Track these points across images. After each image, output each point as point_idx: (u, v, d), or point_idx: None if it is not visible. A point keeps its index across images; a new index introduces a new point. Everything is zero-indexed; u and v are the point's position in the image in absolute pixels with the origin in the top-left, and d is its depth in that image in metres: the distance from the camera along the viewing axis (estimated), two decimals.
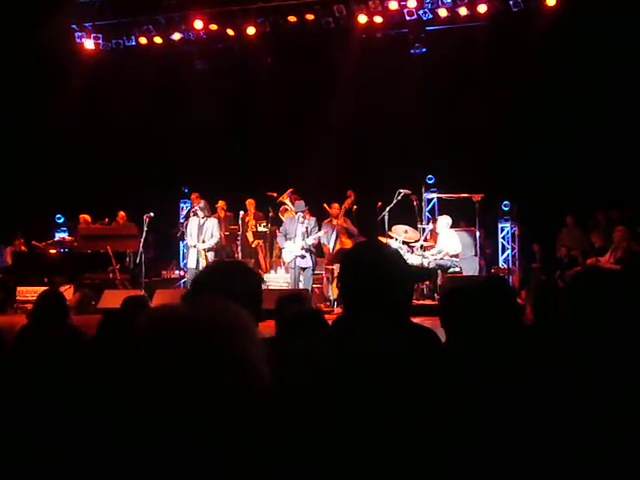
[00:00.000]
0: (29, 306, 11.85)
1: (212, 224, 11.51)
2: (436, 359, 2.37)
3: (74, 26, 15.65)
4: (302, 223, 11.39)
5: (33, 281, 12.79)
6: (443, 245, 12.01)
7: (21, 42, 14.06)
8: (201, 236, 11.30)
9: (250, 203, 13.92)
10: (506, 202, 13.68)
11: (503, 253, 13.85)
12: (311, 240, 11.34)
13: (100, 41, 15.73)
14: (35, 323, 3.33)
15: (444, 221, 12.25)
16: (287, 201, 13.12)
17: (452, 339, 3.47)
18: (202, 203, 11.74)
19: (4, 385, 2.01)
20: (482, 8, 13.74)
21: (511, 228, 13.83)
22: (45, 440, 1.87)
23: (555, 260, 13.69)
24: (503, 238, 13.88)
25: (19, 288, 12.56)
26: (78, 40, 15.77)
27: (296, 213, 11.78)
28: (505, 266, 13.60)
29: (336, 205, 12.58)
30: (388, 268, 2.27)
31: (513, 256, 13.83)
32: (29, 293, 12.34)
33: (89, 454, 1.56)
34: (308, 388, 1.98)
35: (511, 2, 13.66)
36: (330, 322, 3.14)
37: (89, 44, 15.73)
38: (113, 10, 15.40)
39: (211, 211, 12.13)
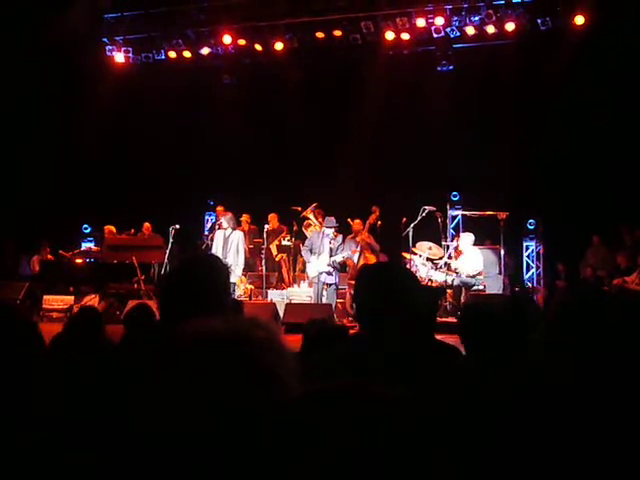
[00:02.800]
0: (55, 314, 12.04)
1: (237, 237, 11.58)
2: (455, 372, 2.41)
3: (105, 39, 15.89)
4: (328, 238, 11.41)
5: (59, 290, 12.93)
6: (462, 264, 11.95)
7: (51, 54, 14.29)
8: (226, 248, 11.37)
9: (272, 217, 13.93)
10: (531, 220, 13.61)
11: (528, 272, 13.76)
12: (340, 258, 11.36)
13: (130, 54, 15.94)
14: (69, 333, 3.40)
15: (468, 238, 12.21)
16: (311, 216, 13.15)
17: (471, 355, 3.48)
18: (229, 216, 11.81)
19: (40, 389, 2.05)
20: (510, 26, 13.73)
21: (536, 247, 13.74)
22: (78, 444, 1.90)
23: (579, 279, 13.56)
24: (528, 257, 13.80)
25: (45, 297, 12.69)
26: (109, 53, 16.00)
27: (321, 227, 11.82)
28: (529, 285, 13.51)
29: (358, 221, 12.57)
30: (401, 286, 2.35)
31: (538, 275, 13.74)
32: (55, 302, 12.49)
33: (120, 459, 1.59)
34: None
35: (539, 21, 13.64)
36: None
37: (119, 57, 15.95)
38: (143, 24, 15.62)
39: (236, 224, 12.21)
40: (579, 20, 13.44)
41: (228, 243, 11.46)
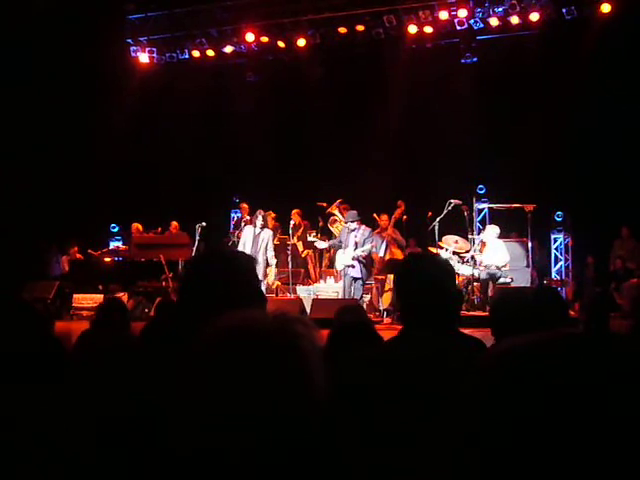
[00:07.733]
0: (85, 313, 12.17)
1: (268, 235, 11.63)
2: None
3: (129, 40, 16.02)
4: (353, 232, 11.38)
5: (88, 288, 13.06)
6: (488, 257, 11.87)
7: (76, 55, 14.44)
8: (256, 246, 11.41)
9: (295, 213, 13.90)
10: (559, 212, 13.47)
11: (556, 264, 13.63)
12: (359, 252, 11.33)
13: (154, 55, 16.07)
14: (97, 329, 3.41)
15: (492, 230, 12.12)
16: (336, 212, 13.15)
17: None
18: (263, 213, 11.83)
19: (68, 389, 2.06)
20: (534, 16, 13.60)
21: (564, 239, 13.61)
22: (109, 443, 1.91)
23: (609, 272, 13.41)
24: (556, 249, 13.67)
25: (75, 295, 12.83)
26: (133, 54, 16.14)
27: (346, 222, 11.79)
28: (558, 277, 13.39)
29: (385, 217, 12.55)
30: (443, 279, 2.35)
31: (566, 267, 13.61)
32: (85, 300, 12.62)
33: (153, 458, 1.59)
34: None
35: (564, 10, 13.50)
36: (379, 332, 3.17)
37: (144, 58, 16.09)
38: (167, 24, 15.74)
39: (266, 223, 12.25)
40: (605, 8, 13.27)
41: (258, 241, 11.49)
